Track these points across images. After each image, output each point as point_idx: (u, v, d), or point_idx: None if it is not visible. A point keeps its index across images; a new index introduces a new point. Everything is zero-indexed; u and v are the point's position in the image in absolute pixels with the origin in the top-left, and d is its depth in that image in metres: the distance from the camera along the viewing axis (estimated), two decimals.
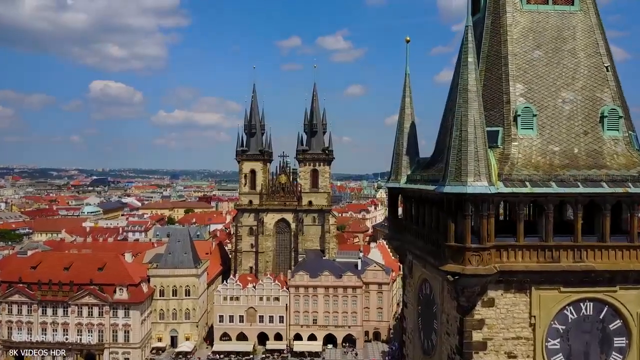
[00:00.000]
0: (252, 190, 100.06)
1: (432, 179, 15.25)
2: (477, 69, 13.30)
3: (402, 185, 17.88)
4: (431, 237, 15.05)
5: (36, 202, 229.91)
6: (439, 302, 14.93)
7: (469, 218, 12.55)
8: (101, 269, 77.45)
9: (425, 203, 15.87)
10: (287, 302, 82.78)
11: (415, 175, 17.34)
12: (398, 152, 18.43)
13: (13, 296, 75.27)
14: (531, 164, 13.78)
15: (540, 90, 14.75)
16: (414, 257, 17.50)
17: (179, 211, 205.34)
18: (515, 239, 13.38)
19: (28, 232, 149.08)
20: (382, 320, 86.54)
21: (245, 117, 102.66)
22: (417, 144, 18.65)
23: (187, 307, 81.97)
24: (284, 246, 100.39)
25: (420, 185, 16.03)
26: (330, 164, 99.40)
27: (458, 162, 12.70)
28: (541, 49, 15.17)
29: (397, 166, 18.39)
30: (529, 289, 13.28)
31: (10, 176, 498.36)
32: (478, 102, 12.88)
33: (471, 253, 12.46)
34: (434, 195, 14.28)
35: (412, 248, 17.42)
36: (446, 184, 12.86)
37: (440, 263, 13.31)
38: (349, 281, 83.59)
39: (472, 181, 12.41)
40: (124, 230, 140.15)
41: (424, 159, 18.23)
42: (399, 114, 18.79)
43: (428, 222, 15.55)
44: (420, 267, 16.65)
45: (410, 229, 17.65)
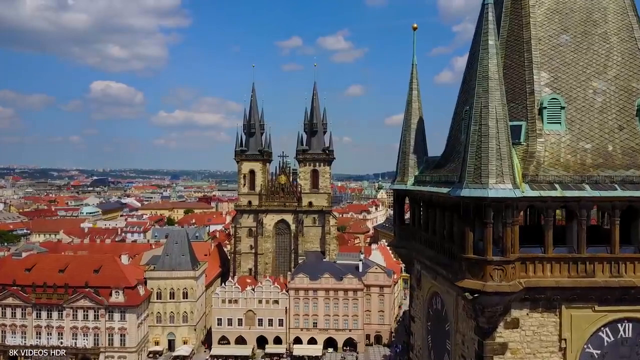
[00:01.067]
0: (251, 190, 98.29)
1: (444, 180, 13.53)
2: (499, 53, 11.53)
3: (409, 187, 16.14)
4: (443, 246, 13.31)
5: (35, 202, 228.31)
6: (452, 320, 13.18)
7: (490, 226, 10.79)
8: (97, 271, 75.72)
9: (436, 207, 14.13)
10: (287, 305, 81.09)
11: (424, 176, 15.59)
12: (404, 150, 16.69)
13: (7, 299, 73.55)
14: (560, 164, 12.03)
15: (568, 80, 13.00)
16: (422, 267, 15.75)
17: (178, 212, 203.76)
18: (543, 250, 11.61)
19: (26, 233, 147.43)
20: (383, 323, 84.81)
21: (245, 117, 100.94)
22: (425, 141, 16.93)
23: (184, 310, 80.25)
24: (283, 248, 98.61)
25: (431, 187, 14.28)
26: (330, 164, 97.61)
27: (477, 161, 10.96)
28: (568, 32, 13.43)
29: (404, 166, 16.65)
30: (558, 307, 11.52)
31: (11, 176, 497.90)
32: (500, 92, 11.13)
33: (493, 267, 10.73)
34: (447, 199, 12.55)
35: (420, 257, 15.68)
36: (463, 187, 11.12)
37: (455, 277, 11.56)
38: (350, 284, 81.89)
39: (493, 183, 10.68)
40: (122, 231, 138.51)
41: (432, 158, 16.51)
42: (405, 108, 17.05)
43: (440, 229, 13.81)
44: (430, 279, 14.91)
45: (418, 235, 15.90)
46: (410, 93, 16.93)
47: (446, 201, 12.84)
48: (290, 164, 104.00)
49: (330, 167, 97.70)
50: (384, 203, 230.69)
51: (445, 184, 13.05)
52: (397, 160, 17.01)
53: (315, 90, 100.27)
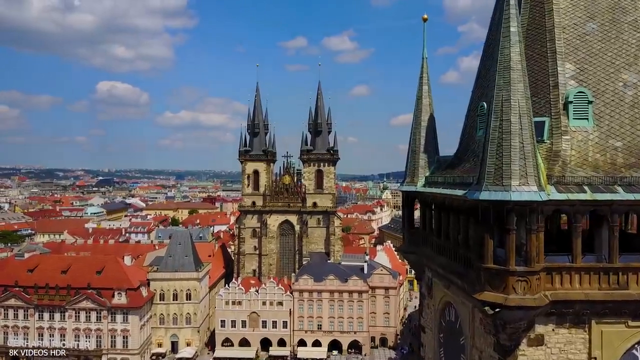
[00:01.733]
0: (255, 191, 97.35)
1: (458, 181, 12.46)
2: (522, 41, 10.44)
3: (420, 189, 15.07)
4: (458, 253, 12.24)
5: (40, 202, 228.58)
6: (467, 334, 12.11)
7: (513, 233, 9.71)
8: (99, 273, 75.10)
9: (449, 211, 13.06)
10: (291, 307, 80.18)
11: (436, 177, 14.51)
12: (414, 149, 15.62)
13: (9, 300, 73.05)
14: (588, 163, 10.93)
15: (595, 72, 11.89)
16: (434, 274, 14.68)
17: (183, 212, 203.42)
18: (570, 259, 10.51)
19: (30, 233, 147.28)
20: (389, 325, 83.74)
21: (249, 117, 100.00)
22: (436, 140, 15.85)
23: (188, 311, 79.45)
24: (287, 248, 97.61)
25: (444, 189, 13.20)
26: (335, 165, 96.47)
27: (498, 161, 9.88)
28: (595, 20, 12.32)
29: (414, 166, 15.58)
30: (588, 323, 10.43)
31: (17, 176, 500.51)
32: (523, 84, 10.06)
33: (516, 278, 9.66)
34: (462, 202, 11.50)
35: (431, 264, 14.61)
36: (482, 189, 10.04)
37: (472, 288, 10.50)
38: (355, 285, 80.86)
39: (516, 185, 9.61)
40: (126, 232, 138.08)
41: (444, 158, 15.44)
42: (416, 104, 15.98)
43: (453, 234, 12.74)
44: (443, 288, 13.84)
45: (429, 241, 14.83)
46: (420, 88, 15.87)
47: (461, 204, 11.78)
48: (295, 164, 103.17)
49: (334, 168, 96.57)
50: (389, 204, 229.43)
51: (460, 185, 12.00)
52: (407, 160, 15.94)
53: (319, 90, 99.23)
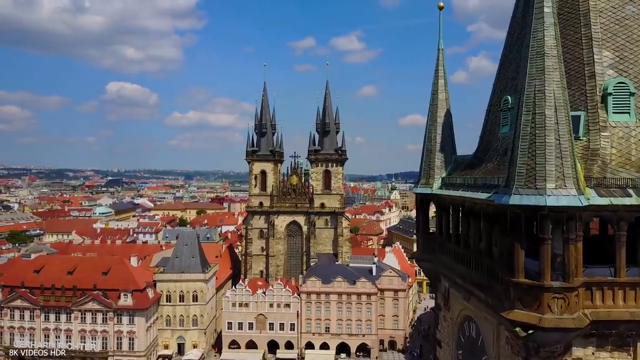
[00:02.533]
0: (262, 191, 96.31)
1: (480, 183, 11.22)
2: (557, 23, 9.18)
3: (436, 191, 13.83)
4: (480, 263, 11.01)
5: (49, 202, 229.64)
6: (491, 354, 10.88)
7: (549, 243, 8.47)
8: (105, 274, 74.49)
9: (470, 216, 11.82)
10: (299, 309, 79.14)
11: (454, 178, 13.27)
12: (430, 148, 14.39)
13: (15, 301, 72.67)
14: (631, 163, 9.66)
15: (637, 60, 10.59)
16: (452, 285, 13.44)
17: (191, 212, 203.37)
18: (612, 272, 9.24)
19: (39, 233, 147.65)
20: (397, 328, 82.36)
21: (256, 117, 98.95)
22: (453, 138, 14.61)
23: (194, 313, 78.62)
24: (295, 250, 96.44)
25: (464, 191, 11.96)
26: (343, 165, 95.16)
27: (530, 161, 8.65)
28: (635, 2, 11.00)
29: (429, 166, 14.35)
30: (633, 345, 9.15)
31: (27, 177, 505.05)
32: (559, 72, 8.80)
33: (552, 295, 8.41)
34: (485, 206, 10.28)
35: (449, 273, 13.38)
36: (512, 192, 8.79)
37: (499, 305, 9.27)
38: (363, 287, 79.63)
39: (552, 188, 8.37)
40: (134, 232, 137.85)
41: (462, 158, 14.20)
42: (431, 99, 14.74)
43: (475, 241, 11.50)
44: (462, 300, 12.61)
45: (447, 248, 13.59)
46: (435, 82, 14.63)
47: (485, 209, 10.56)
48: (302, 165, 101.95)
49: (342, 168, 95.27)
50: (397, 204, 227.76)
51: (482, 187, 10.78)
52: (421, 159, 14.71)
53: (327, 90, 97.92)
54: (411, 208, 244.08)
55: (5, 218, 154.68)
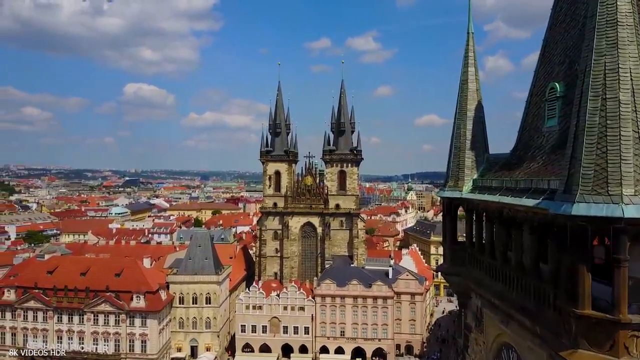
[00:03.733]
0: (276, 192, 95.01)
1: (524, 187, 9.37)
2: None
3: (467, 195, 11.99)
4: (524, 282, 9.15)
5: (67, 202, 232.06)
6: None
7: (626, 266, 6.60)
8: (118, 275, 73.79)
9: (510, 225, 9.97)
10: (313, 312, 77.56)
11: (489, 180, 11.42)
12: (459, 145, 12.54)
13: (28, 302, 72.36)
14: None
15: None
16: (485, 304, 11.57)
17: (206, 212, 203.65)
18: None
19: (56, 233, 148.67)
20: (414, 333, 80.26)
21: (270, 116, 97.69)
22: (485, 134, 12.73)
23: (207, 315, 77.51)
24: (310, 251, 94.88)
25: (503, 196, 10.10)
26: (358, 165, 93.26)
27: (600, 160, 6.80)
28: None
29: (458, 167, 12.51)
30: None
31: (47, 177, 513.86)
32: (637, 45, 6.89)
33: (630, 333, 6.53)
34: (532, 215, 8.44)
35: (482, 291, 11.52)
36: (576, 200, 6.94)
37: (553, 339, 7.42)
38: (379, 291, 77.67)
39: (631, 195, 6.50)
40: (149, 232, 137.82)
41: (496, 157, 12.33)
42: (460, 90, 12.88)
43: (516, 256, 9.65)
44: (498, 323, 10.75)
45: (480, 261, 11.73)
46: (465, 70, 12.77)
47: (530, 218, 8.73)
48: (317, 165, 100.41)
49: (358, 168, 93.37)
50: (413, 205, 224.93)
51: (527, 192, 8.94)
52: (448, 159, 12.87)
53: (342, 89, 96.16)
54: (427, 209, 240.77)
55: (23, 218, 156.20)
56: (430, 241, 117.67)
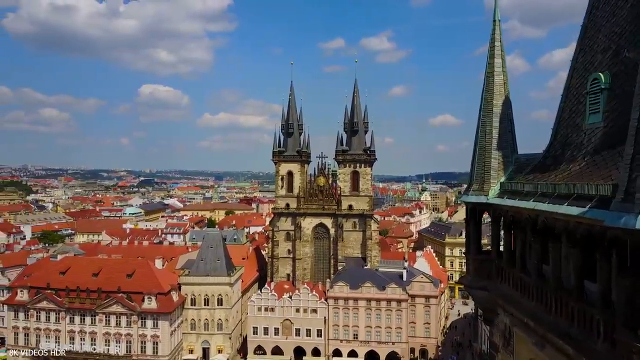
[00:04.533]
0: (289, 193, 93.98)
1: (565, 192, 8.14)
2: None
3: (494, 200, 10.75)
4: (566, 305, 7.91)
5: (82, 202, 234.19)
6: None
7: None
8: (130, 276, 73.53)
9: (547, 236, 8.73)
10: (326, 315, 76.54)
11: (519, 184, 10.17)
12: (484, 145, 11.30)
13: (41, 302, 72.46)
14: None
15: None
16: (515, 323, 10.32)
17: (219, 213, 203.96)
18: None
19: (70, 233, 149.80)
20: (429, 336, 78.73)
21: (283, 117, 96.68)
22: (514, 132, 11.46)
23: (219, 317, 76.91)
24: (322, 253, 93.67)
25: (539, 202, 8.86)
26: (372, 166, 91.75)
27: None
28: None
29: (483, 168, 11.26)
30: None
31: (63, 177, 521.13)
32: None
33: None
34: (576, 225, 7.22)
35: (512, 308, 10.26)
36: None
37: None
38: (393, 293, 76.33)
39: None
40: (162, 232, 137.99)
41: (527, 157, 11.07)
42: (485, 84, 11.63)
43: (555, 273, 8.41)
44: (532, 345, 9.50)
45: (509, 275, 10.48)
46: (490, 62, 11.50)
47: (573, 229, 7.50)
48: (330, 165, 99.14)
49: (371, 169, 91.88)
50: (427, 206, 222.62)
51: (569, 198, 7.72)
52: (472, 160, 11.60)
53: (356, 88, 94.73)
54: (442, 210, 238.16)
55: (38, 218, 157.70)
56: (445, 243, 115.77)
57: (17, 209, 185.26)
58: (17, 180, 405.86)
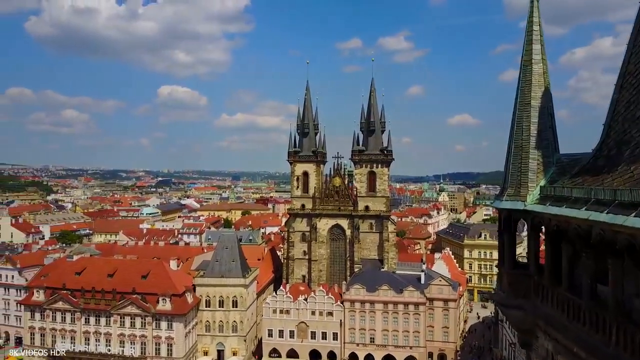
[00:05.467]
0: (304, 193, 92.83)
1: (628, 200, 6.69)
2: None
3: (533, 207, 9.29)
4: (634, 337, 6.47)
5: (100, 202, 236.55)
6: None
7: None
8: (145, 277, 73.20)
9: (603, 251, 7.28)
10: (342, 318, 75.31)
11: (564, 188, 8.71)
12: (520, 144, 9.84)
13: (57, 303, 72.52)
14: None
15: None
16: (561, 351, 8.85)
17: (236, 213, 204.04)
18: None
19: (88, 233, 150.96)
20: (447, 341, 76.97)
21: (298, 116, 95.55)
22: (555, 129, 9.95)
23: (234, 319, 76.10)
24: (338, 254, 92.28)
25: (594, 212, 7.41)
26: (389, 166, 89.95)
27: None
28: None
29: (519, 170, 9.78)
30: None
31: (83, 177, 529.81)
32: None
33: None
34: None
35: (555, 333, 8.80)
36: None
37: None
38: (411, 297, 74.70)
39: None
40: (178, 233, 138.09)
41: (571, 157, 9.59)
42: (521, 74, 10.13)
43: (615, 295, 6.96)
44: None
45: (552, 294, 9.02)
46: (528, 49, 9.99)
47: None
48: (346, 166, 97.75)
49: (388, 169, 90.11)
50: (446, 206, 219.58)
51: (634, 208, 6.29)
52: (506, 160, 10.12)
53: (372, 87, 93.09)
54: (460, 210, 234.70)
55: (57, 218, 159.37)
56: (464, 244, 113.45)
57: (37, 209, 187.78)
58: (38, 180, 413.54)
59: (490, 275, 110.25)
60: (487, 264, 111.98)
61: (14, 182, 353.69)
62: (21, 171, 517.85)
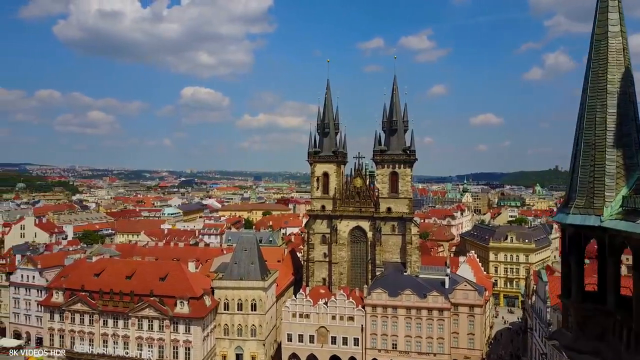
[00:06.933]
0: (325, 194, 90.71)
1: None
2: None
3: (612, 225, 7.04)
4: None
5: (124, 202, 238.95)
6: None
7: None
8: (163, 279, 72.35)
9: None
10: (363, 323, 73.01)
11: None
12: (591, 141, 7.55)
13: (75, 305, 72.23)
14: None
15: None
16: None
17: (257, 213, 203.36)
18: None
19: (110, 233, 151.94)
20: (473, 348, 73.98)
21: (319, 116, 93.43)
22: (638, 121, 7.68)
23: (253, 323, 74.59)
24: (359, 257, 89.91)
25: None
26: (412, 166, 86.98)
27: None
28: None
29: (592, 176, 7.52)
30: None
31: (108, 177, 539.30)
32: None
33: None
34: None
35: None
36: None
37: None
38: (435, 302, 71.95)
39: None
40: (199, 233, 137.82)
41: None
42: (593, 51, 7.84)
43: None
44: None
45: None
46: (602, 20, 7.69)
47: None
48: (367, 166, 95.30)
49: (411, 170, 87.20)
50: (469, 207, 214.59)
51: None
52: (572, 163, 7.87)
53: (395, 85, 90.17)
54: (484, 212, 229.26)
55: (80, 218, 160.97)
56: (489, 247, 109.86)
57: (62, 208, 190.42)
58: (65, 180, 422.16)
59: (517, 280, 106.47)
60: (513, 268, 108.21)
61: (41, 182, 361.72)
62: (49, 171, 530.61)
